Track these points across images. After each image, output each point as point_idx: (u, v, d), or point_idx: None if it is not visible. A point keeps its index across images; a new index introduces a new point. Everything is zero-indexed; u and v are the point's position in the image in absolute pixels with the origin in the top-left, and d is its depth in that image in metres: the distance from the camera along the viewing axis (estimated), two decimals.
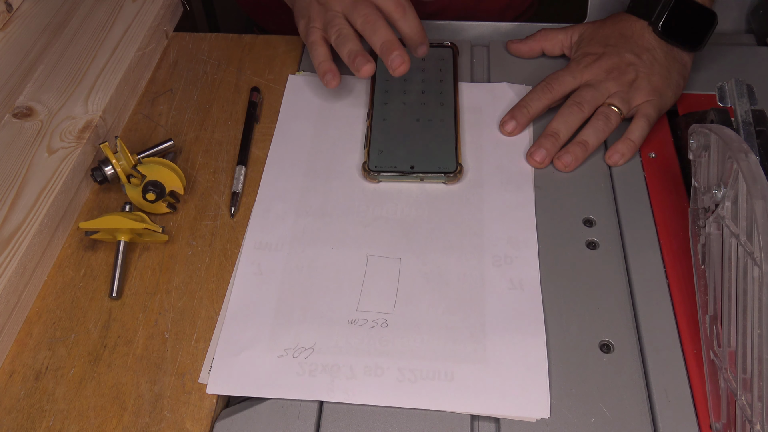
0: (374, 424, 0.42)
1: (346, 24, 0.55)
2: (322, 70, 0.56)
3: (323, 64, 0.57)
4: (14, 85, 0.59)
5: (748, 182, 0.38)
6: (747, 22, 0.71)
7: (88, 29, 0.64)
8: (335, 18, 0.56)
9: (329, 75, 0.56)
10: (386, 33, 0.53)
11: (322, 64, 0.57)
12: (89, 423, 0.42)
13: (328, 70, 0.56)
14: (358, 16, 0.54)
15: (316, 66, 0.57)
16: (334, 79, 0.56)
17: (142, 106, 0.62)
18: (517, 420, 0.42)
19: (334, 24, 0.55)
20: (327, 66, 0.56)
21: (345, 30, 0.55)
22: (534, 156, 0.55)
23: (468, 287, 0.48)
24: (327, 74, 0.56)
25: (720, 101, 0.49)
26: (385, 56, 0.53)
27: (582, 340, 0.45)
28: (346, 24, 0.55)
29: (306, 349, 0.45)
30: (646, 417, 0.41)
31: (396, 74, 0.52)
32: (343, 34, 0.55)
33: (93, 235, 0.50)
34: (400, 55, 0.52)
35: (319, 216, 0.52)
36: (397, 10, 0.54)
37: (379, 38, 0.53)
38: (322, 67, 0.57)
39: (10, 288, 0.45)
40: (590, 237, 0.50)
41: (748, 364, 0.37)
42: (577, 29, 0.63)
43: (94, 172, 0.53)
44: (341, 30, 0.55)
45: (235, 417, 0.42)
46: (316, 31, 0.58)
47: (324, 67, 0.56)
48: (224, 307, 0.48)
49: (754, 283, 0.37)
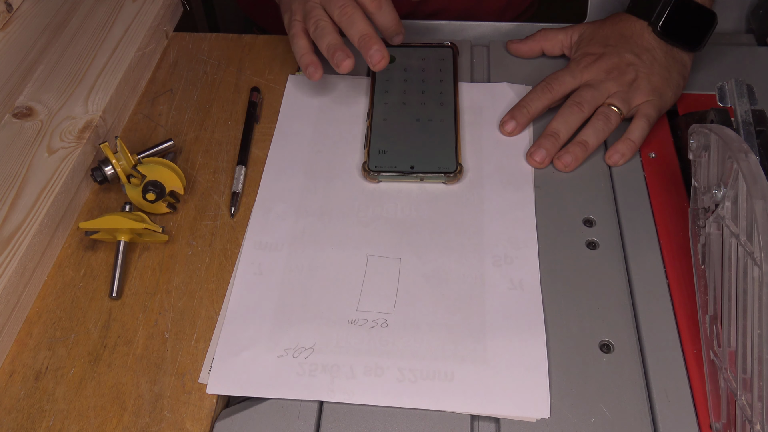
0: (374, 424, 0.42)
1: (324, 15, 0.54)
2: (303, 63, 0.56)
3: (305, 57, 0.56)
4: (14, 85, 0.59)
5: (748, 182, 0.38)
6: (747, 22, 0.71)
7: (88, 29, 0.64)
8: (313, 9, 0.55)
9: (311, 68, 0.55)
10: (363, 26, 0.52)
11: (304, 56, 0.56)
12: (89, 423, 0.42)
13: (310, 62, 0.56)
14: (335, 8, 0.53)
15: (297, 59, 0.57)
16: (317, 72, 0.55)
17: (142, 106, 0.62)
18: (517, 420, 0.42)
19: (312, 15, 0.55)
20: (308, 58, 0.56)
21: (322, 22, 0.54)
22: (534, 156, 0.55)
23: (468, 287, 0.48)
24: (309, 67, 0.55)
25: (720, 101, 0.49)
26: (363, 51, 0.52)
27: (582, 340, 0.45)
28: (325, 15, 0.54)
29: (306, 349, 0.45)
30: (646, 417, 0.41)
31: (376, 69, 0.52)
32: (320, 26, 0.54)
33: (93, 235, 0.50)
34: (379, 50, 0.51)
35: (319, 216, 0.52)
36: (372, 3, 0.54)
37: (356, 31, 0.52)
38: (303, 60, 0.56)
39: (10, 288, 0.45)
40: (590, 237, 0.50)
41: (748, 364, 0.37)
42: (577, 29, 0.63)
43: (94, 172, 0.53)
44: (318, 22, 0.54)
45: (235, 417, 0.42)
46: (297, 23, 0.57)
47: (306, 59, 0.56)
48: (224, 307, 0.48)
49: (754, 283, 0.37)
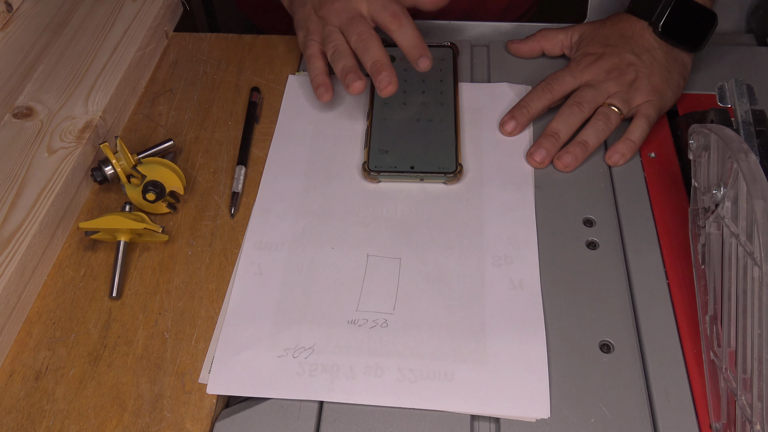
0: (374, 424, 0.42)
1: (342, 40, 0.56)
2: (316, 83, 0.57)
3: (318, 77, 0.58)
4: (14, 85, 0.59)
5: (748, 182, 0.38)
6: (747, 22, 0.71)
7: (88, 29, 0.64)
8: (333, 33, 0.56)
9: (322, 89, 0.57)
10: (377, 52, 0.54)
11: (317, 77, 0.58)
12: (89, 423, 0.42)
13: (321, 83, 0.57)
14: (353, 34, 0.55)
15: (311, 79, 0.58)
16: (327, 93, 0.57)
17: (142, 106, 0.62)
18: (518, 420, 0.42)
19: (332, 39, 0.56)
20: (321, 80, 0.57)
21: (341, 46, 0.55)
22: (534, 156, 0.55)
23: (468, 287, 0.48)
24: (320, 87, 0.57)
25: (720, 101, 0.49)
26: (374, 76, 0.53)
27: (582, 340, 0.45)
28: (343, 40, 0.56)
29: (306, 349, 0.45)
30: (646, 417, 0.41)
31: (383, 95, 0.53)
32: (339, 50, 0.55)
33: (93, 235, 0.50)
34: (387, 75, 0.52)
35: (319, 216, 0.52)
36: (393, 22, 0.54)
37: (370, 57, 0.54)
38: (316, 80, 0.57)
39: (10, 288, 0.45)
40: (590, 237, 0.50)
41: (748, 364, 0.37)
42: (577, 29, 0.63)
43: (94, 172, 0.53)
44: (338, 46, 0.55)
45: (235, 417, 0.42)
46: (314, 44, 0.59)
47: (318, 80, 0.57)
48: (224, 307, 0.48)
49: (754, 283, 0.37)
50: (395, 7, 0.55)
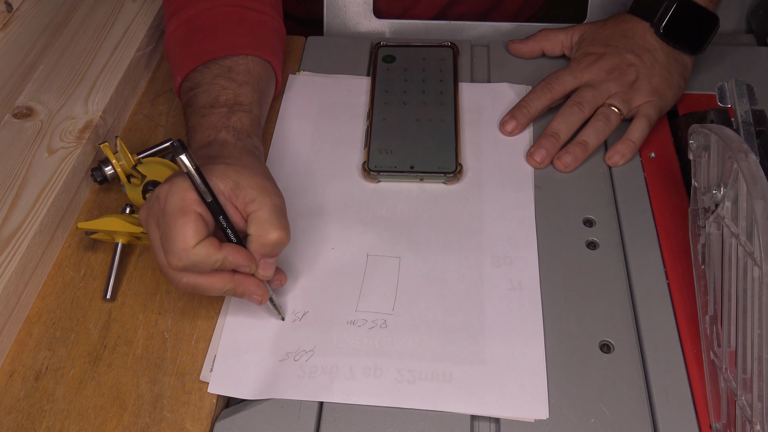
0: (374, 425, 0.42)
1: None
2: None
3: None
4: (14, 85, 0.59)
5: (748, 182, 0.38)
6: (747, 22, 0.71)
7: (88, 29, 0.64)
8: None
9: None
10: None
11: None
12: (89, 423, 0.42)
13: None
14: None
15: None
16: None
17: (142, 106, 0.62)
18: (518, 420, 0.41)
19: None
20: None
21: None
22: (534, 156, 0.55)
23: (467, 287, 0.48)
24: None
25: (720, 101, 0.49)
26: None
27: (582, 341, 0.45)
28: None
29: (307, 351, 0.45)
30: (646, 417, 0.41)
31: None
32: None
33: (93, 234, 0.49)
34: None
35: (319, 216, 0.52)
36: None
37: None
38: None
39: (10, 288, 0.45)
40: (590, 237, 0.50)
41: (748, 364, 0.37)
42: (578, 29, 0.63)
43: (94, 172, 0.53)
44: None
45: (235, 417, 0.42)
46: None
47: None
48: (224, 307, 0.48)
49: (754, 283, 0.37)
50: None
